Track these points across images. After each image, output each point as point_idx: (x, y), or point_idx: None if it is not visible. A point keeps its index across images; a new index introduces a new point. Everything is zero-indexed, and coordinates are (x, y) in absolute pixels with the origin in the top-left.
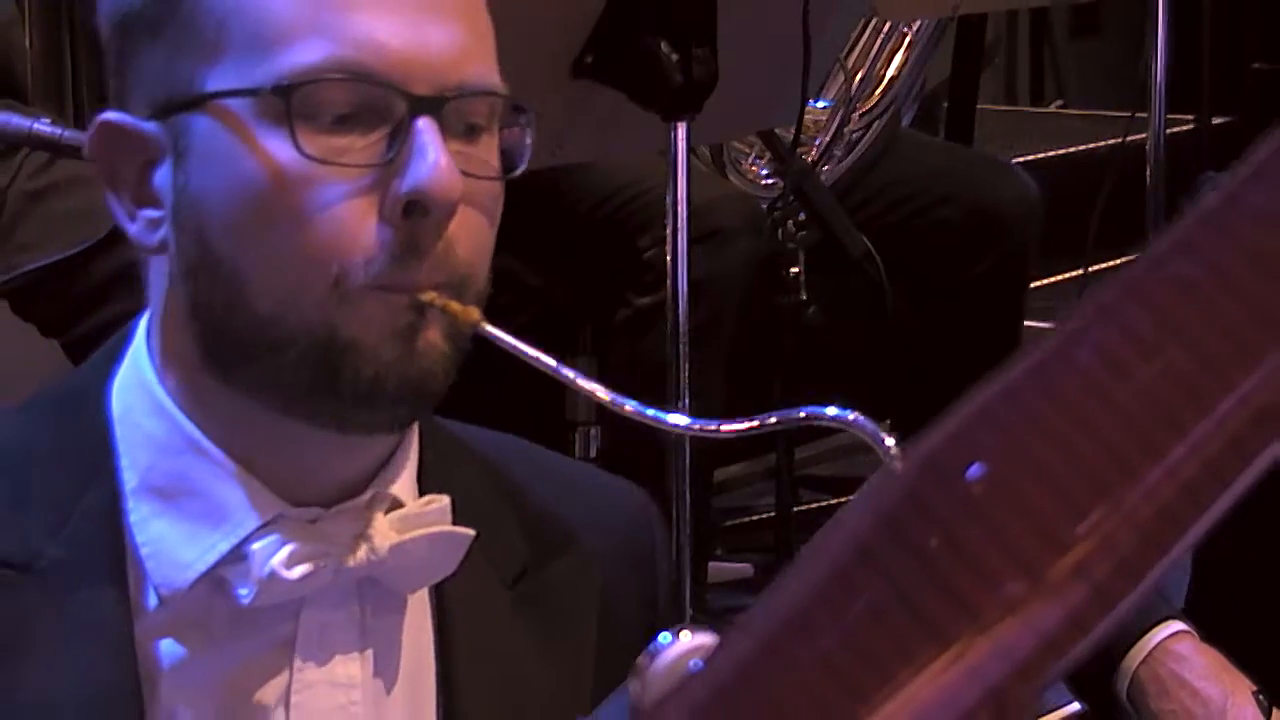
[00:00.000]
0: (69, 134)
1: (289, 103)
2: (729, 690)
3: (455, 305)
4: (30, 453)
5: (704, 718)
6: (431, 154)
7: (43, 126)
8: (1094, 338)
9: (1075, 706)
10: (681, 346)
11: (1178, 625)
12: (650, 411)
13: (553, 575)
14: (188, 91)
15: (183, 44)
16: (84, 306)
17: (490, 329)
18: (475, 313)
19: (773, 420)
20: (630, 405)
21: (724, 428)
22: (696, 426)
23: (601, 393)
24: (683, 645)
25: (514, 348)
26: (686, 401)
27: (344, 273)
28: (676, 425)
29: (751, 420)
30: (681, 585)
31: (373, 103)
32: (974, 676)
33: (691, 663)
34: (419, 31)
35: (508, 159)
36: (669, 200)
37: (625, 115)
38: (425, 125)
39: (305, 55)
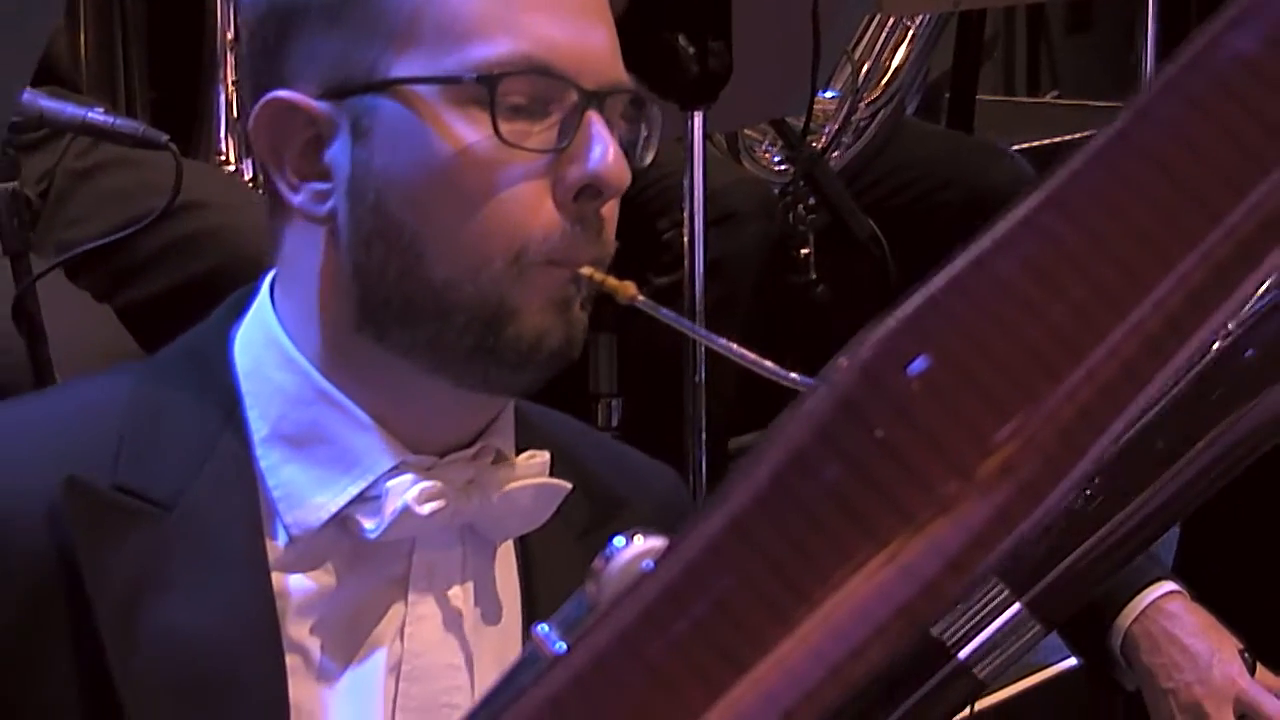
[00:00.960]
0: (120, 122)
1: (493, 91)
2: (678, 589)
3: (612, 280)
4: (164, 404)
5: (654, 615)
6: (607, 145)
7: (96, 115)
8: (1018, 248)
9: (1072, 662)
10: (699, 323)
11: (1169, 586)
12: (794, 375)
13: (610, 533)
14: (370, 76)
15: (366, 33)
16: (131, 278)
17: (643, 300)
18: (631, 286)
19: None
20: (769, 365)
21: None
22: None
23: (745, 354)
24: (636, 548)
25: (668, 317)
26: (703, 375)
27: (524, 248)
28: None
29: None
30: None
31: (548, 94)
32: (908, 573)
33: (644, 564)
34: (584, 33)
35: (628, 150)
36: (686, 185)
37: None
38: (596, 117)
39: (494, 49)
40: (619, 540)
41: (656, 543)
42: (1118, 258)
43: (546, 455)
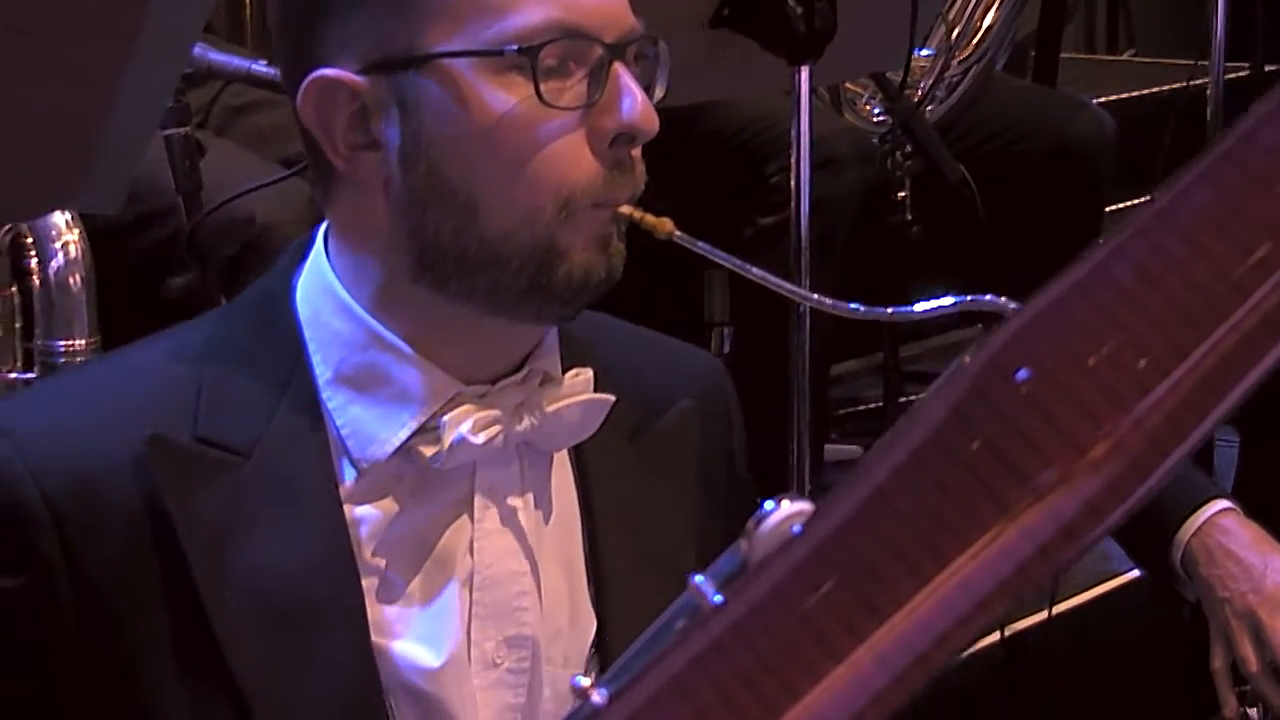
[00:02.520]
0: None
1: (535, 60)
2: (826, 549)
3: (650, 217)
4: (236, 353)
5: (805, 572)
6: (635, 94)
7: (259, 67)
8: (1130, 255)
9: (1136, 573)
10: (803, 260)
11: (1223, 503)
12: (852, 305)
13: (660, 430)
14: (411, 52)
15: (400, 11)
16: None
17: (680, 234)
18: (669, 223)
19: (937, 304)
20: (829, 301)
21: (918, 308)
22: (890, 311)
23: (792, 288)
24: (785, 511)
25: (705, 250)
26: (807, 306)
27: (570, 195)
28: (874, 311)
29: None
30: (801, 464)
31: (576, 53)
32: (1028, 536)
33: (793, 527)
34: None
35: (649, 90)
36: (793, 133)
37: (756, 60)
38: (622, 68)
39: (528, 19)
40: (769, 504)
41: (804, 506)
42: (1220, 268)
43: (590, 373)
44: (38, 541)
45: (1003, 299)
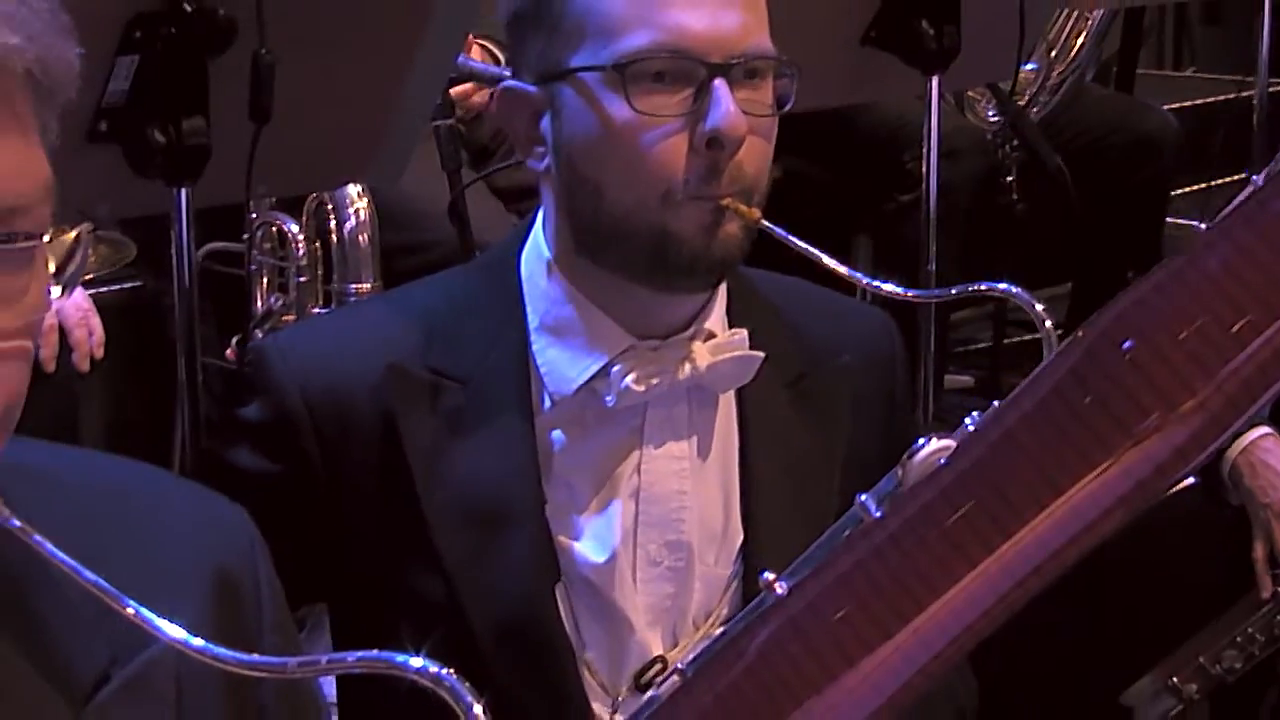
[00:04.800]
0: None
1: (625, 76)
2: (965, 478)
3: (744, 208)
4: (467, 302)
5: (949, 495)
6: (726, 107)
7: (508, 72)
8: (1219, 251)
9: (1190, 480)
10: (931, 230)
11: (1266, 429)
12: (886, 285)
13: (818, 381)
14: (558, 67)
15: (554, 35)
16: (527, 195)
17: (766, 224)
18: (757, 213)
19: (952, 292)
20: (864, 279)
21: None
22: (911, 294)
23: (842, 269)
24: (934, 446)
25: (783, 237)
26: (934, 265)
27: (671, 189)
28: (909, 294)
29: (947, 289)
30: (926, 389)
31: (682, 70)
32: (1128, 474)
33: (939, 460)
34: (714, 18)
35: (781, 100)
36: (924, 129)
37: (897, 71)
38: (719, 85)
39: (635, 42)
40: (920, 440)
41: (949, 443)
42: None
43: (744, 333)
44: (300, 440)
45: (1003, 286)
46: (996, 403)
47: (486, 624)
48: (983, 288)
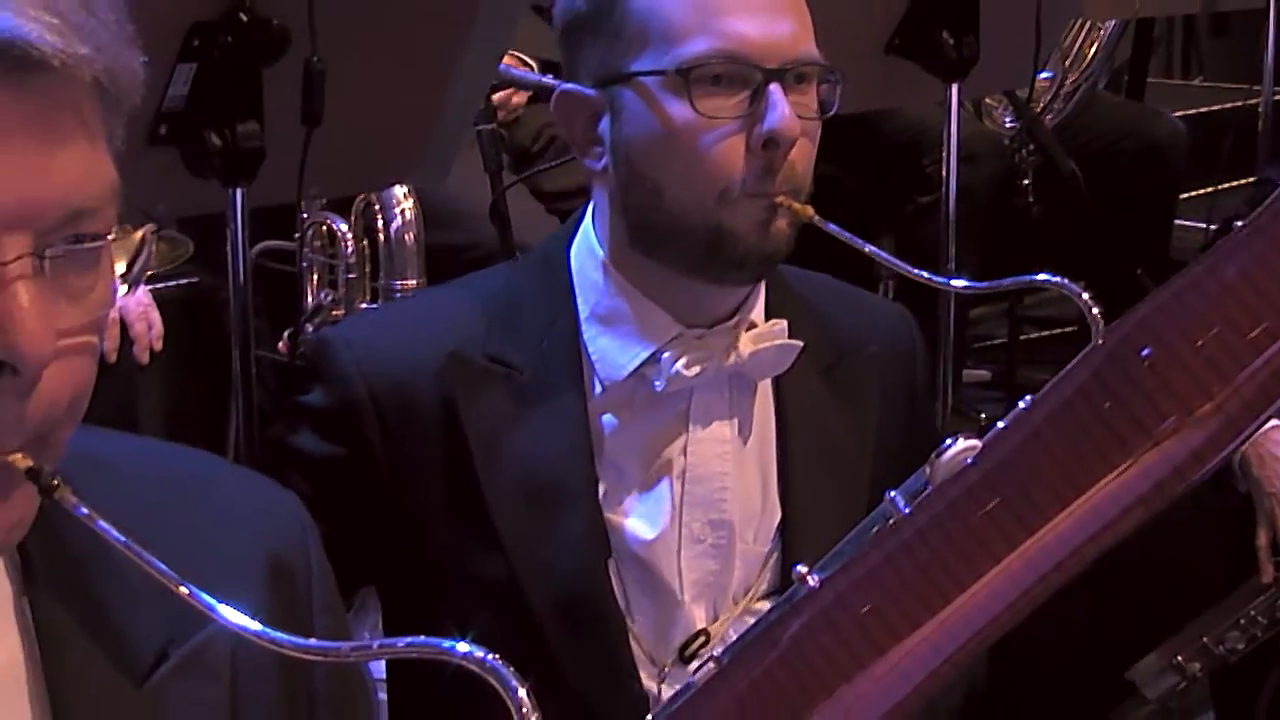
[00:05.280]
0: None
1: (688, 79)
2: (991, 477)
3: (796, 205)
4: (520, 293)
5: (975, 493)
6: (781, 108)
7: (549, 80)
8: (1236, 260)
9: None
10: (951, 230)
11: (1275, 421)
12: (939, 279)
13: (849, 368)
14: (619, 72)
15: (614, 42)
16: (565, 197)
17: (818, 219)
18: (810, 210)
19: (1007, 283)
20: (925, 275)
21: (971, 287)
22: (960, 284)
23: (895, 262)
24: (961, 446)
25: (836, 232)
26: (953, 265)
27: (728, 187)
28: (954, 284)
29: (999, 282)
30: (946, 383)
31: (739, 74)
32: (1147, 474)
33: (966, 459)
34: (769, 26)
35: (824, 105)
36: (944, 134)
37: (919, 79)
38: (775, 89)
39: (695, 48)
40: (948, 440)
41: (975, 443)
42: None
43: (784, 323)
44: (363, 425)
45: (1043, 276)
46: (1025, 400)
47: (543, 598)
48: (1034, 278)
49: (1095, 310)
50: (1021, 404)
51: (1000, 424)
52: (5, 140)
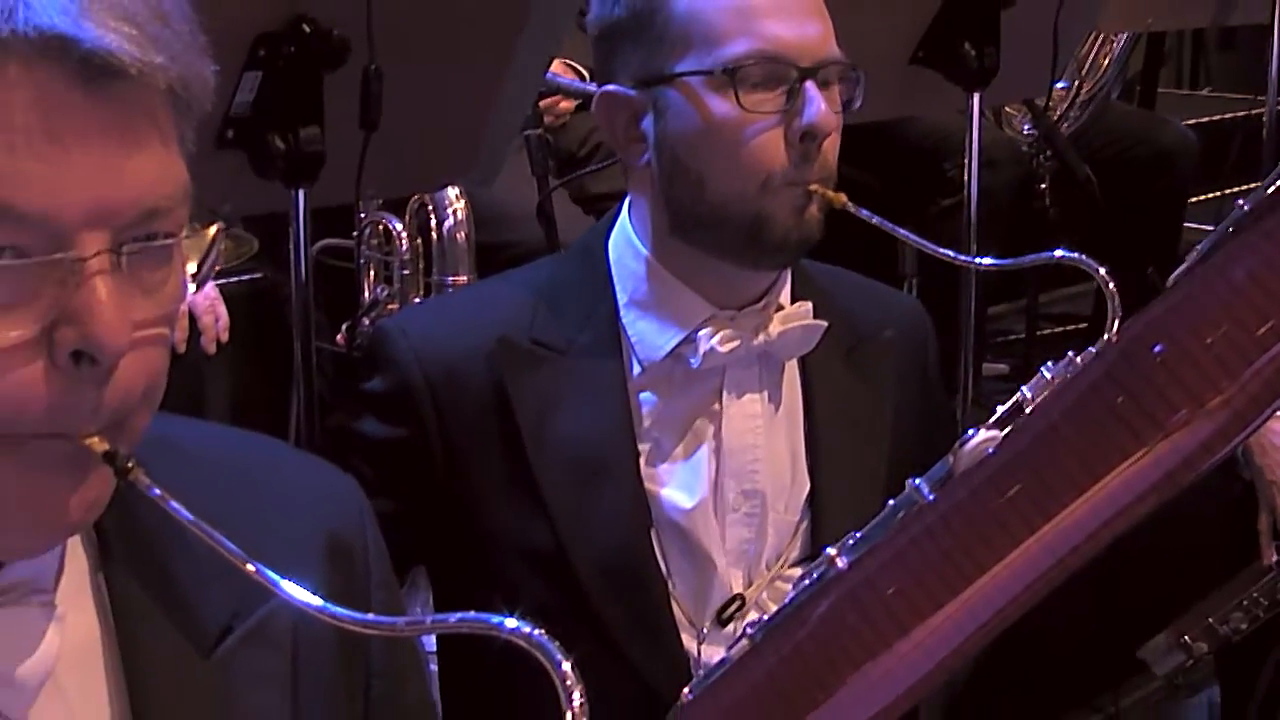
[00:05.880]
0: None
1: (734, 78)
2: (1010, 465)
3: (830, 192)
4: (566, 283)
5: (995, 481)
6: (818, 104)
7: (592, 87)
8: (1244, 262)
9: None
10: (972, 231)
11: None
12: (963, 257)
13: (868, 351)
14: (662, 73)
15: (657, 45)
16: (602, 200)
17: (851, 205)
18: (842, 196)
19: (1028, 260)
20: (951, 254)
21: (1000, 263)
22: (986, 261)
23: (929, 247)
24: (982, 436)
25: (868, 216)
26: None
27: (769, 176)
28: (979, 262)
29: (1021, 259)
30: (966, 376)
31: (777, 73)
32: (1159, 464)
33: (987, 448)
34: (802, 27)
35: (846, 102)
36: (965, 141)
37: (942, 88)
38: (810, 85)
39: (737, 49)
40: (970, 431)
41: (995, 434)
42: None
43: (809, 305)
44: (419, 407)
45: (1059, 252)
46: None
47: (590, 566)
48: (1055, 255)
49: (1111, 285)
50: (1044, 370)
51: (1024, 390)
52: (85, 144)
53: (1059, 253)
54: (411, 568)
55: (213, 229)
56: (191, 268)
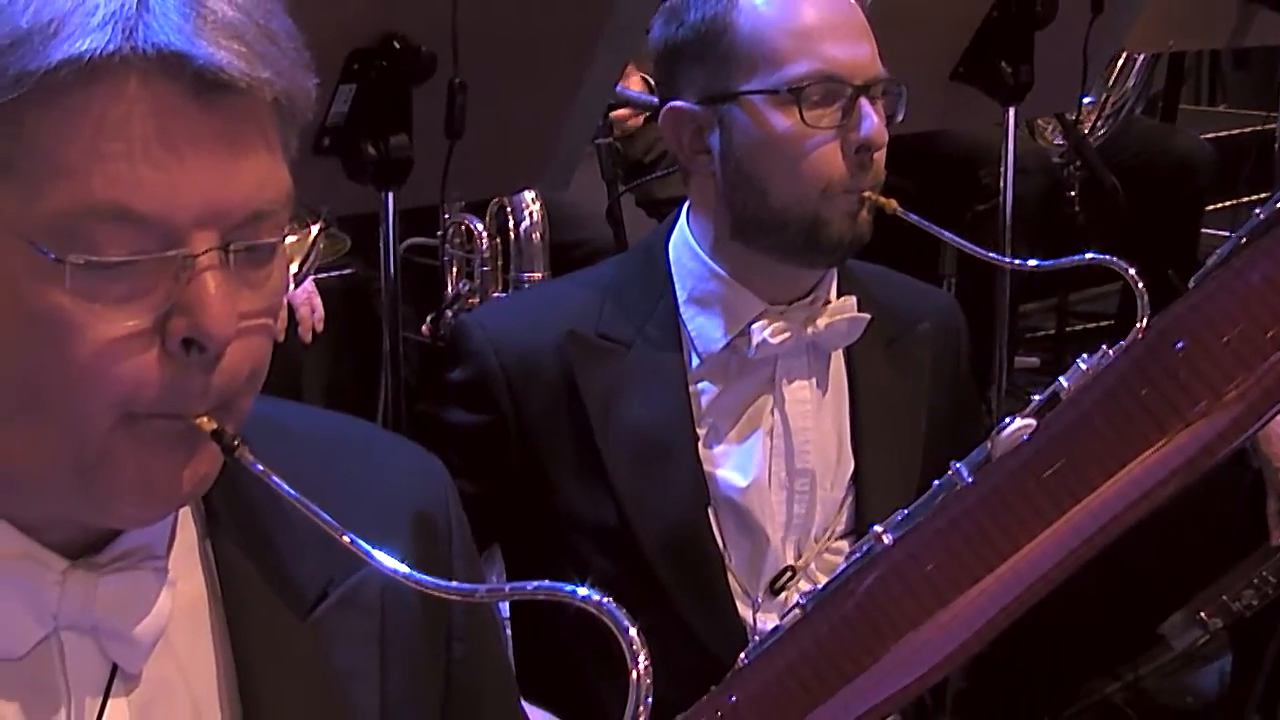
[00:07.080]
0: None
1: (799, 96)
2: (1044, 451)
3: (882, 198)
4: (630, 282)
5: (1030, 465)
6: (872, 119)
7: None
8: (1260, 267)
9: None
10: (1007, 235)
11: None
12: (1005, 259)
13: (906, 343)
14: (727, 91)
15: (722, 65)
16: (664, 205)
17: (900, 210)
18: (893, 202)
19: (1066, 262)
20: (995, 256)
21: (1040, 265)
22: (1031, 263)
23: (974, 249)
24: (1017, 425)
25: (916, 220)
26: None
27: (829, 185)
28: (1024, 263)
29: (1058, 260)
30: (1000, 369)
31: (834, 91)
32: (1180, 451)
33: (1022, 436)
34: (855, 48)
35: (891, 115)
36: (1003, 151)
37: (979, 102)
38: (865, 102)
39: (799, 69)
40: (1006, 419)
41: (1030, 422)
42: None
43: (854, 299)
44: (496, 394)
45: (1090, 255)
46: (1083, 357)
47: (653, 541)
48: (1088, 257)
49: (1140, 285)
50: (1080, 361)
51: (1061, 380)
52: (198, 150)
53: (1091, 255)
54: (489, 545)
55: (314, 229)
56: (294, 267)
